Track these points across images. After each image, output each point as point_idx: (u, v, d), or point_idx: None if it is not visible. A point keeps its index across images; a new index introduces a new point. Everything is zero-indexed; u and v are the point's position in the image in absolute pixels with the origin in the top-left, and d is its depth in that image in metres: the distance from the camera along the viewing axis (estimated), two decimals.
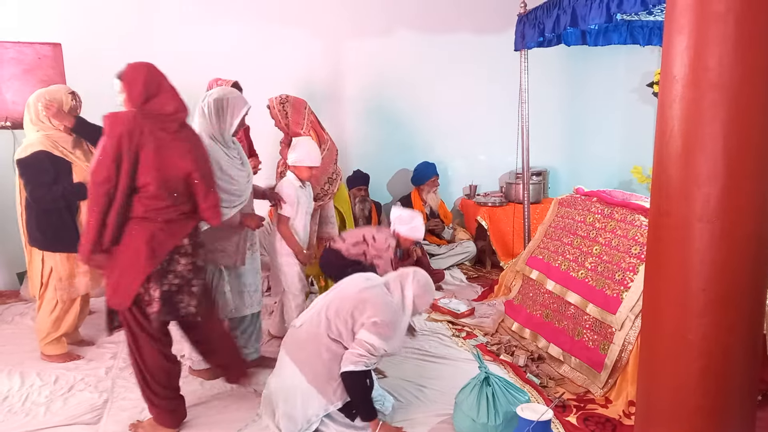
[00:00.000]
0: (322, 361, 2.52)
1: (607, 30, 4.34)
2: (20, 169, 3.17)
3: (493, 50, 5.50)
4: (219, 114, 2.83)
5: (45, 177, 3.15)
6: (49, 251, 3.28)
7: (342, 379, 2.51)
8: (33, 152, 3.14)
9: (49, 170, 3.16)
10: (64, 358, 3.40)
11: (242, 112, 2.89)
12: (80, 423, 2.76)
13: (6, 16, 4.50)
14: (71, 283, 3.32)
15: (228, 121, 2.85)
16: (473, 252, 5.34)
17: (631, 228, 3.22)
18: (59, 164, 3.19)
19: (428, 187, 5.30)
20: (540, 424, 2.23)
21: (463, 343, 3.60)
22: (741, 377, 1.80)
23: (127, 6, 4.74)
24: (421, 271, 2.75)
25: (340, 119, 5.42)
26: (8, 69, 4.21)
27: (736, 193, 1.67)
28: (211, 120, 2.83)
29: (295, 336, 2.66)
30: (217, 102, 2.84)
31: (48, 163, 3.16)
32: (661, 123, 1.77)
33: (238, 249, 2.95)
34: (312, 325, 2.60)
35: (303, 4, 5.18)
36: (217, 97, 2.85)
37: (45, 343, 3.37)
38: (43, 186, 3.15)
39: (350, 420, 2.55)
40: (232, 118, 2.85)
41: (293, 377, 2.54)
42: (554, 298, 3.48)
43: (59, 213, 3.24)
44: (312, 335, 2.57)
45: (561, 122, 6.04)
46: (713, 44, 1.61)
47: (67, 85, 3.67)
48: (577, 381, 3.09)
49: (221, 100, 2.84)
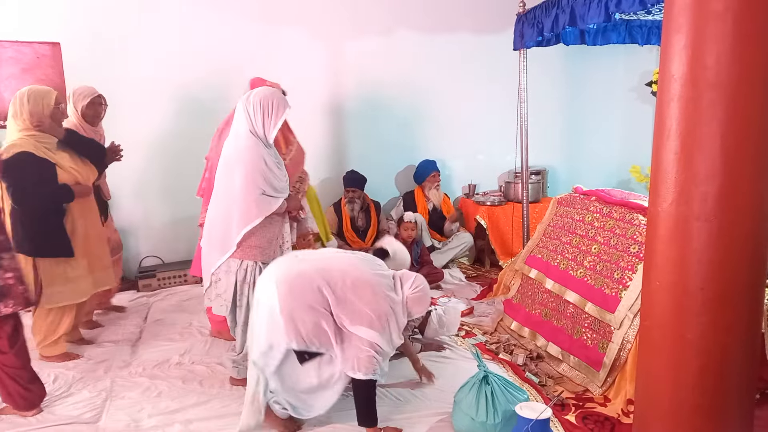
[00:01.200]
0: (301, 304, 2.47)
1: (605, 29, 4.35)
2: (2, 172, 3.01)
3: (492, 50, 5.50)
4: (264, 113, 2.83)
5: (29, 179, 3.02)
6: (38, 256, 3.13)
7: (353, 386, 2.53)
8: (16, 153, 3.00)
9: (33, 173, 3.03)
10: (62, 358, 3.37)
11: (285, 114, 2.90)
12: (79, 422, 2.76)
13: (5, 15, 4.49)
14: (60, 290, 3.19)
15: (272, 122, 2.86)
16: (470, 242, 5.32)
17: (629, 227, 3.22)
18: (43, 166, 3.06)
19: (430, 183, 5.33)
20: (539, 422, 2.23)
21: (462, 341, 3.60)
22: (739, 376, 1.81)
23: (127, 6, 4.74)
24: (422, 278, 2.73)
25: (340, 119, 5.42)
26: (6, 68, 4.21)
27: (734, 192, 1.67)
28: (255, 118, 2.83)
29: (291, 266, 2.60)
30: (264, 101, 2.84)
31: (32, 164, 3.02)
32: (659, 122, 1.78)
33: (271, 245, 2.93)
34: (310, 268, 2.55)
35: (303, 4, 5.18)
36: (263, 96, 2.86)
37: (43, 346, 3.33)
38: (28, 189, 3.03)
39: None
40: (275, 119, 2.85)
41: (270, 297, 2.50)
42: (553, 297, 3.49)
43: (46, 217, 3.12)
44: (306, 277, 2.52)
45: (560, 121, 6.05)
46: (711, 43, 1.61)
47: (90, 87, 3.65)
48: (576, 380, 3.09)
49: (268, 100, 2.85)
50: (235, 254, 2.82)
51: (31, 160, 3.02)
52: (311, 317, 2.46)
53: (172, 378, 3.16)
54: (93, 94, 3.64)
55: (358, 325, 2.49)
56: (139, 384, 3.10)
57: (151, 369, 3.28)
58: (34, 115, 3.05)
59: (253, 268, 2.85)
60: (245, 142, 2.83)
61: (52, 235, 3.15)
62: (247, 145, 2.82)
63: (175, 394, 3.00)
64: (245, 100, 2.87)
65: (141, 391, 3.02)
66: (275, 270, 2.59)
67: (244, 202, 2.79)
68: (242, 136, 2.84)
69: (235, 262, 2.84)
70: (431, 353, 3.39)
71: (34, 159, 3.03)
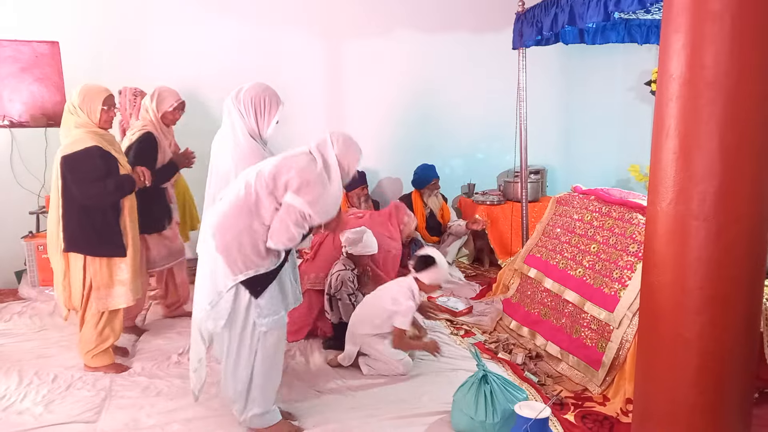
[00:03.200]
0: (234, 231, 2.38)
1: (604, 28, 4.35)
2: (68, 166, 2.96)
3: (492, 49, 5.50)
4: (257, 111, 2.71)
5: (98, 173, 2.97)
6: (93, 256, 3.04)
7: None
8: (84, 148, 2.95)
9: (101, 167, 2.98)
10: (111, 369, 3.21)
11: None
12: (78, 421, 2.75)
13: (3, 14, 4.48)
14: (109, 293, 3.09)
15: (266, 119, 2.73)
16: (462, 227, 5.24)
17: (628, 226, 3.22)
18: (110, 161, 3.02)
19: (429, 191, 5.27)
20: (538, 421, 2.23)
21: (462, 341, 3.60)
22: (738, 375, 1.81)
23: (125, 4, 4.73)
24: (335, 131, 2.55)
25: (339, 119, 5.42)
26: (5, 67, 4.21)
27: (733, 191, 1.67)
28: (249, 118, 2.70)
29: (216, 209, 2.51)
30: (255, 98, 2.70)
31: (100, 159, 2.98)
32: (658, 121, 1.78)
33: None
34: (232, 195, 2.46)
35: (303, 4, 5.18)
36: (255, 93, 2.72)
37: (91, 356, 3.19)
38: (97, 182, 2.97)
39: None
40: (270, 116, 2.73)
41: (207, 245, 2.44)
42: (552, 296, 3.49)
43: (104, 213, 3.04)
44: (231, 205, 2.43)
45: (559, 121, 6.05)
46: (709, 43, 1.62)
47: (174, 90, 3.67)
48: (575, 379, 3.09)
49: (260, 97, 2.71)
50: None
51: (99, 153, 2.98)
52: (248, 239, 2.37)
53: (170, 377, 3.16)
54: (178, 99, 3.65)
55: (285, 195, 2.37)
56: (138, 383, 3.09)
57: (150, 368, 3.28)
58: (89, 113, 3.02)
59: None
60: (248, 148, 2.69)
61: (108, 234, 3.06)
62: (250, 150, 2.68)
63: (174, 393, 2.99)
64: (234, 98, 2.74)
65: (140, 391, 3.02)
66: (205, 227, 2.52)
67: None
68: (242, 142, 2.71)
69: None
70: (427, 354, 3.36)
71: (102, 153, 2.99)
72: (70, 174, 2.97)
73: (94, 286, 3.08)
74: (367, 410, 2.79)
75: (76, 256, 3.06)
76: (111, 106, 3.11)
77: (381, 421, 2.68)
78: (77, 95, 3.05)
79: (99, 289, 3.08)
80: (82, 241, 3.04)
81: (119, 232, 3.09)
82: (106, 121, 3.09)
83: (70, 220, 3.03)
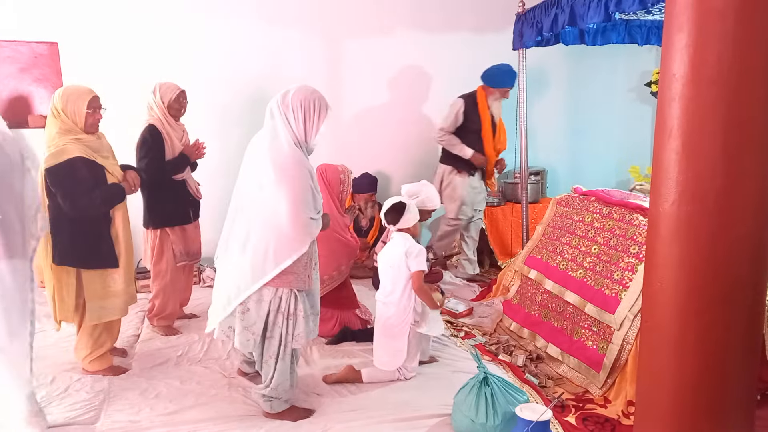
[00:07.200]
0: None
1: (605, 29, 4.34)
2: (52, 179, 2.81)
3: (492, 49, 5.47)
4: (306, 116, 2.49)
5: (85, 185, 2.85)
6: (85, 268, 2.96)
7: None
8: (67, 159, 2.81)
9: (87, 178, 2.86)
10: (110, 372, 3.18)
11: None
12: (77, 423, 2.74)
13: (2, 14, 4.47)
14: (102, 305, 3.02)
15: (314, 126, 2.52)
16: None
17: (629, 227, 3.21)
18: (96, 170, 2.91)
19: (500, 95, 4.65)
20: (539, 424, 2.22)
21: (462, 343, 3.59)
22: (740, 376, 1.80)
23: (124, 5, 4.72)
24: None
25: (339, 118, 5.41)
26: (4, 68, 4.21)
27: (736, 192, 1.66)
28: (297, 123, 2.49)
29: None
30: (305, 102, 2.49)
31: (86, 169, 2.85)
32: (660, 121, 1.76)
33: (306, 269, 2.62)
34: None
35: (303, 3, 5.17)
36: (304, 96, 2.50)
37: (89, 361, 3.16)
38: (85, 195, 2.85)
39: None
40: (318, 122, 2.52)
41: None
42: (553, 298, 3.48)
43: (97, 223, 2.95)
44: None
45: (559, 122, 6.03)
46: (713, 41, 1.60)
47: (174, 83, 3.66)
48: (576, 381, 3.08)
49: (309, 101, 2.50)
50: (270, 282, 2.52)
51: (83, 164, 2.85)
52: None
53: (170, 379, 3.15)
54: (179, 89, 3.63)
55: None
56: (137, 385, 3.08)
57: (149, 370, 3.26)
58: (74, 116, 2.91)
59: (288, 296, 2.57)
60: (291, 158, 2.51)
61: (100, 245, 2.97)
62: (294, 160, 2.50)
63: (173, 395, 2.98)
64: (281, 101, 2.52)
65: (139, 392, 3.00)
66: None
67: (293, 228, 2.50)
68: (285, 150, 2.51)
69: (268, 291, 2.55)
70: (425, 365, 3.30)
71: (87, 163, 2.86)
72: (55, 187, 2.84)
73: (87, 298, 3.00)
74: (368, 412, 2.78)
75: (66, 269, 2.94)
76: (97, 108, 2.98)
77: (381, 424, 2.67)
78: (59, 98, 2.90)
79: (92, 300, 3.01)
80: (72, 254, 2.92)
81: (110, 242, 3.02)
82: (92, 124, 2.95)
83: (59, 232, 2.89)
